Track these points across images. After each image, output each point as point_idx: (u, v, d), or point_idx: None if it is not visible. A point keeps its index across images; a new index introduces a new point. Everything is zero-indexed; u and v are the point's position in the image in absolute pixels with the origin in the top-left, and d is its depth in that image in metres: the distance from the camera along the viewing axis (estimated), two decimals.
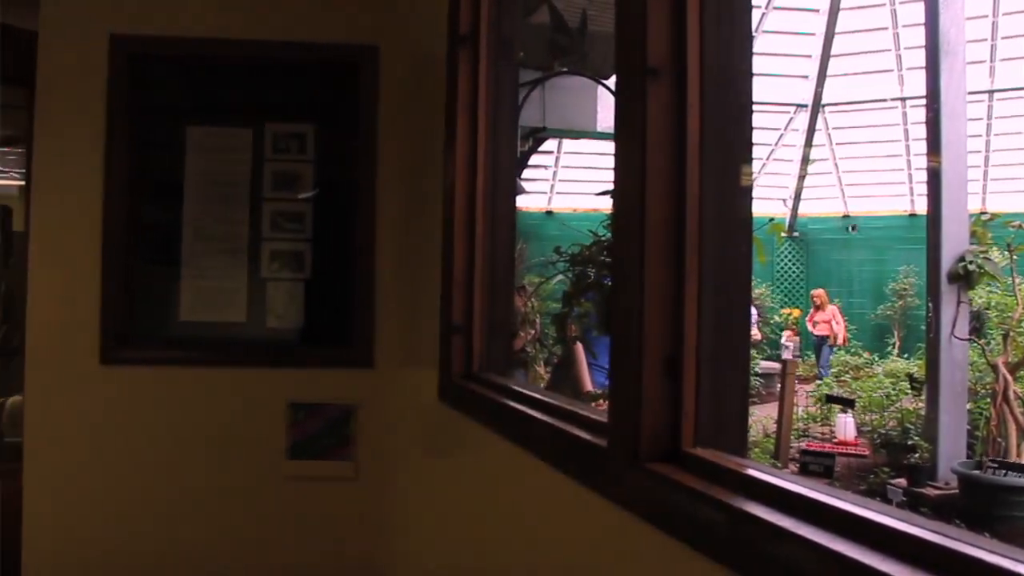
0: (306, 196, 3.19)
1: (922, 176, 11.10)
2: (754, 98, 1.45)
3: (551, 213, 15.38)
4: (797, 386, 9.23)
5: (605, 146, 11.07)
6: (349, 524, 3.10)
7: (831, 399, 9.09)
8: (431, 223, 2.58)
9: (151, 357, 3.07)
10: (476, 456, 2.23)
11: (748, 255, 1.36)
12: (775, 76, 14.23)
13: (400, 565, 2.97)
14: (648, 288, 1.26)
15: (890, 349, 13.70)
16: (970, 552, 0.78)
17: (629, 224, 1.31)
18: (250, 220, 3.16)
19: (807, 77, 14.38)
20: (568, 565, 1.57)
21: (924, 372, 8.31)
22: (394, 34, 3.12)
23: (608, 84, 4.35)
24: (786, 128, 15.31)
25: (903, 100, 14.21)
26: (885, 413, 8.83)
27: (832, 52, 13.72)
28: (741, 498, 1.06)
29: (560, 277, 3.83)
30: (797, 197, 15.74)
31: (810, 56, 14.08)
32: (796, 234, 16.14)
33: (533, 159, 11.27)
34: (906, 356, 12.32)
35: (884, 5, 13.27)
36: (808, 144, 15.02)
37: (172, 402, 3.06)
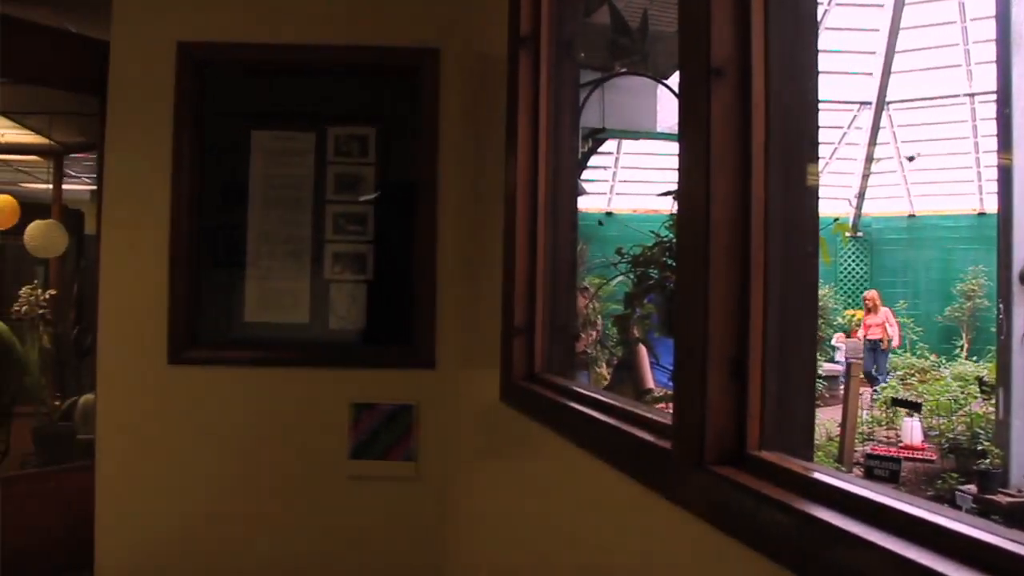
0: (368, 199, 3.23)
1: (992, 174, 10.82)
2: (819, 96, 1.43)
3: (610, 214, 15.32)
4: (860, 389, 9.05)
5: (665, 147, 10.99)
6: (410, 524, 3.13)
7: (897, 402, 8.90)
8: (493, 224, 2.58)
9: (216, 357, 3.14)
10: (537, 457, 2.23)
11: (814, 255, 1.35)
12: (838, 73, 13.96)
13: (460, 565, 2.98)
14: (713, 289, 1.26)
15: (957, 352, 13.40)
16: None
17: (694, 225, 1.30)
18: (313, 222, 3.21)
19: (871, 74, 14.07)
20: (631, 567, 1.56)
21: (994, 375, 8.10)
22: (455, 36, 3.14)
23: (669, 84, 4.32)
24: (850, 126, 15.04)
25: (971, 96, 13.86)
26: (953, 417, 8.62)
27: (897, 48, 13.41)
28: (807, 501, 1.05)
29: (620, 278, 3.80)
30: (861, 196, 15.46)
31: (874, 52, 13.77)
32: (860, 234, 15.85)
33: (593, 160, 11.22)
34: (975, 359, 12.05)
35: None
36: (872, 143, 14.73)
37: (237, 401, 3.13)
